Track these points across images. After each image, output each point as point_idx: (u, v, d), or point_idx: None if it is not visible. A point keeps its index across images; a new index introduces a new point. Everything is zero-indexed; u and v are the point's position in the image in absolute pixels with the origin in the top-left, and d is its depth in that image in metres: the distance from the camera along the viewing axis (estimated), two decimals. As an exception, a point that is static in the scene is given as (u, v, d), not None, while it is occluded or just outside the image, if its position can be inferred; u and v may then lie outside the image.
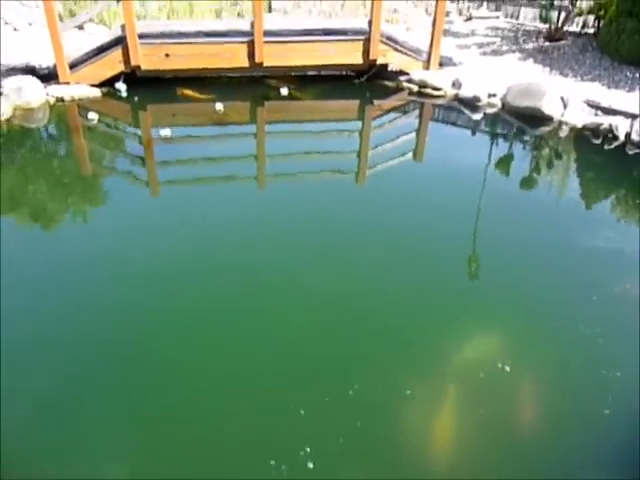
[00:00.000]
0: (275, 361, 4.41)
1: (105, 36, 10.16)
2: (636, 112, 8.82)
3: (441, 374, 4.41)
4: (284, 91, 10.24)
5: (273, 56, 10.20)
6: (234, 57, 10.15)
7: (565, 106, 9.32)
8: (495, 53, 11.91)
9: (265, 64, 10.23)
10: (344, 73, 11.06)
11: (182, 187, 7.40)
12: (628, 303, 5.33)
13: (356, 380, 4.22)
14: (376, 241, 6.17)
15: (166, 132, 8.49)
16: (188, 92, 10.14)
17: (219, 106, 9.51)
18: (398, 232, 6.33)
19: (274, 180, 7.76)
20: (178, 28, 10.08)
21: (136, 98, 10.07)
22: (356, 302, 5.16)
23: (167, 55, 9.91)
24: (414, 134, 9.52)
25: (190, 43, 9.95)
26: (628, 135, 8.57)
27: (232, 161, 8.23)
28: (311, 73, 10.99)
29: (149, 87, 10.31)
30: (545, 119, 9.29)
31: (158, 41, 9.84)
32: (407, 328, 4.88)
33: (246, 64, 10.23)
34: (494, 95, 9.81)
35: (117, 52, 9.80)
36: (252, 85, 10.67)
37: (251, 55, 10.12)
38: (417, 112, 10.42)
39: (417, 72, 10.65)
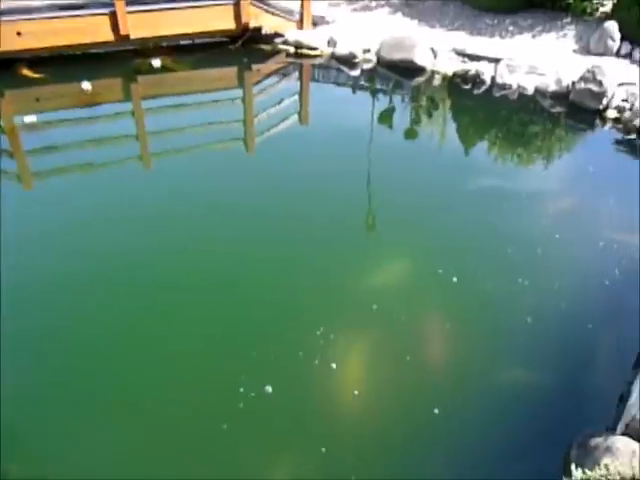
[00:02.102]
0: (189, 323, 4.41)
1: (-60, 18, 9.01)
2: (498, 57, 9.42)
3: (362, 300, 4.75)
4: (156, 63, 9.74)
5: (140, 27, 9.61)
6: (96, 31, 9.44)
7: (435, 56, 9.73)
8: (365, 9, 12.08)
9: (132, 36, 9.62)
10: (218, 40, 10.70)
11: (59, 177, 6.89)
12: (515, 225, 5.98)
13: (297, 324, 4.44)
14: (274, 207, 6.18)
15: (31, 118, 7.81)
16: (27, 72, 9.25)
17: (86, 85, 8.85)
18: (295, 196, 6.39)
19: (160, 158, 7.45)
20: (29, 3, 9.17)
21: (-10, 85, 9.11)
22: (269, 264, 5.23)
23: (19, 34, 9.00)
24: (297, 96, 9.53)
25: (45, 19, 9.09)
26: (493, 79, 9.16)
27: (111, 143, 7.74)
28: (184, 42, 10.52)
29: (3, 71, 9.34)
30: (418, 70, 9.65)
31: (6, 19, 8.89)
32: (312, 281, 5.05)
33: (111, 38, 9.57)
34: (368, 50, 10.00)
35: (-43, 35, 8.76)
36: (121, 60, 9.99)
37: (115, 28, 9.47)
38: (297, 74, 10.40)
39: (292, 33, 10.57)
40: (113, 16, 9.36)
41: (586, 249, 5.64)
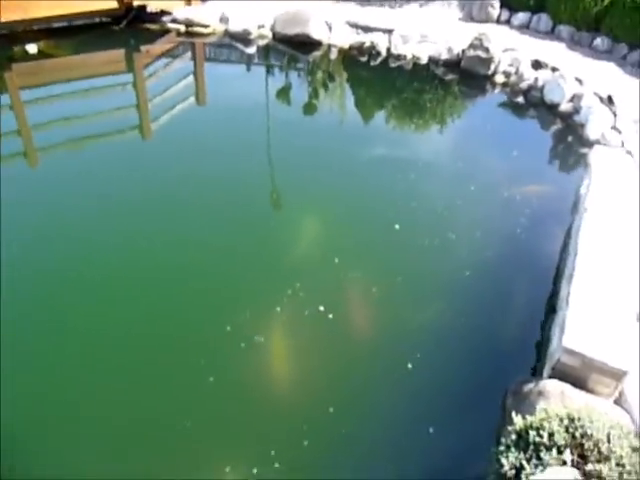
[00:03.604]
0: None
1: None
2: (390, 27, 9.56)
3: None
4: (32, 49, 8.90)
5: (9, 9, 8.70)
6: (-44, 16, 8.44)
7: (330, 29, 9.70)
8: (254, -17, 11.73)
9: (1, 20, 8.68)
10: (100, 20, 9.94)
11: None
12: (419, 185, 6.26)
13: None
14: (180, 192, 5.94)
15: None
16: None
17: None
18: (199, 179, 6.17)
19: (48, 154, 6.87)
20: None
21: None
22: (188, 249, 5.11)
23: None
24: (192, 77, 9.13)
25: None
26: (388, 50, 9.31)
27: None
28: (62, 24, 9.65)
29: None
30: (315, 44, 9.57)
31: None
32: (233, 261, 5.00)
33: (-25, 23, 8.59)
34: (263, 26, 9.76)
35: None
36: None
37: (-21, 11, 8.50)
38: (190, 54, 9.95)
39: (180, 10, 10.06)
40: (-25, -2, 8.40)
41: (491, 201, 6.05)
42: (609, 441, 2.51)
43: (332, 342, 4.30)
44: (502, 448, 2.58)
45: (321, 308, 4.50)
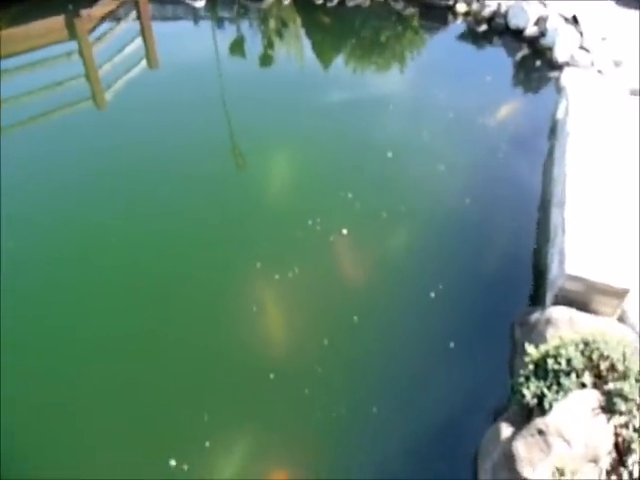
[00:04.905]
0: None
1: None
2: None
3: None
4: (-37, 25, 8.23)
5: None
6: None
7: (280, -28, 9.22)
8: None
9: None
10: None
11: None
12: (399, 124, 6.27)
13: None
14: (145, 161, 5.73)
15: None
16: None
17: None
18: (162, 144, 5.93)
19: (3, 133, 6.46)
20: None
21: None
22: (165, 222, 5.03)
23: None
24: (140, 39, 8.60)
25: None
26: (345, -12, 8.93)
27: None
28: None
29: None
30: (266, -11, 9.13)
31: None
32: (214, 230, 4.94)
33: None
34: (208, -24, 9.23)
35: None
36: None
37: None
38: (135, 13, 9.33)
39: (117, -33, 9.38)
40: None
41: (467, 129, 6.09)
42: (625, 360, 2.52)
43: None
44: (521, 380, 2.58)
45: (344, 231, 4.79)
